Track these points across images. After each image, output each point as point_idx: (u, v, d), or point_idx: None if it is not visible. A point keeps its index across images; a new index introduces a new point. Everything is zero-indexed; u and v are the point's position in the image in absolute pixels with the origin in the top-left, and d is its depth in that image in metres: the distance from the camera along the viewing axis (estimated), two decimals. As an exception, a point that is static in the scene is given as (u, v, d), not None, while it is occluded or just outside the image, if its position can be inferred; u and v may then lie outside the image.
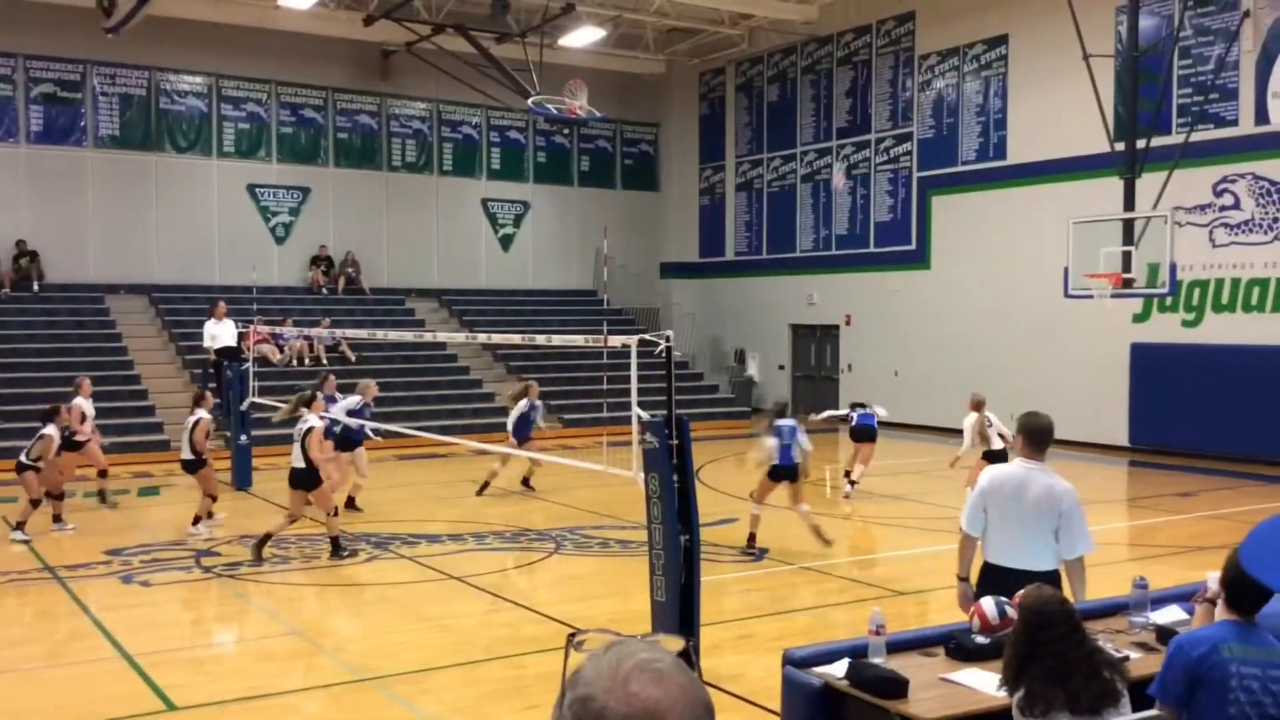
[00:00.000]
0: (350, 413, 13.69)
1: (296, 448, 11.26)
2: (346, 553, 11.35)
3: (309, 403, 11.60)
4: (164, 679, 7.56)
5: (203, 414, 12.82)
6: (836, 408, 24.60)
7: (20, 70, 22.86)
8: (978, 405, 13.16)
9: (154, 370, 21.49)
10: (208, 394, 13.74)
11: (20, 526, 12.11)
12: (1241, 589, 4.21)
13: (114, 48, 22.52)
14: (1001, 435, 13.11)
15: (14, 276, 22.38)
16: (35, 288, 22.46)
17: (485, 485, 15.12)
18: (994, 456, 12.34)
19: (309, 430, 11.23)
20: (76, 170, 23.32)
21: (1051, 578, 5.50)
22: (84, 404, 14.24)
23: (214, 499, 12.85)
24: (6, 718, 6.93)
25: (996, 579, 5.64)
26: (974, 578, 5.95)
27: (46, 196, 22.97)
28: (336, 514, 11.61)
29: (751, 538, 11.68)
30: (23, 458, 12.37)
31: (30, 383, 19.78)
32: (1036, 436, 5.84)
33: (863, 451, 14.99)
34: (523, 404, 15.19)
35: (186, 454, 12.75)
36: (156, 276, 23.91)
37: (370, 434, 14.39)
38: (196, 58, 24.22)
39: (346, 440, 13.82)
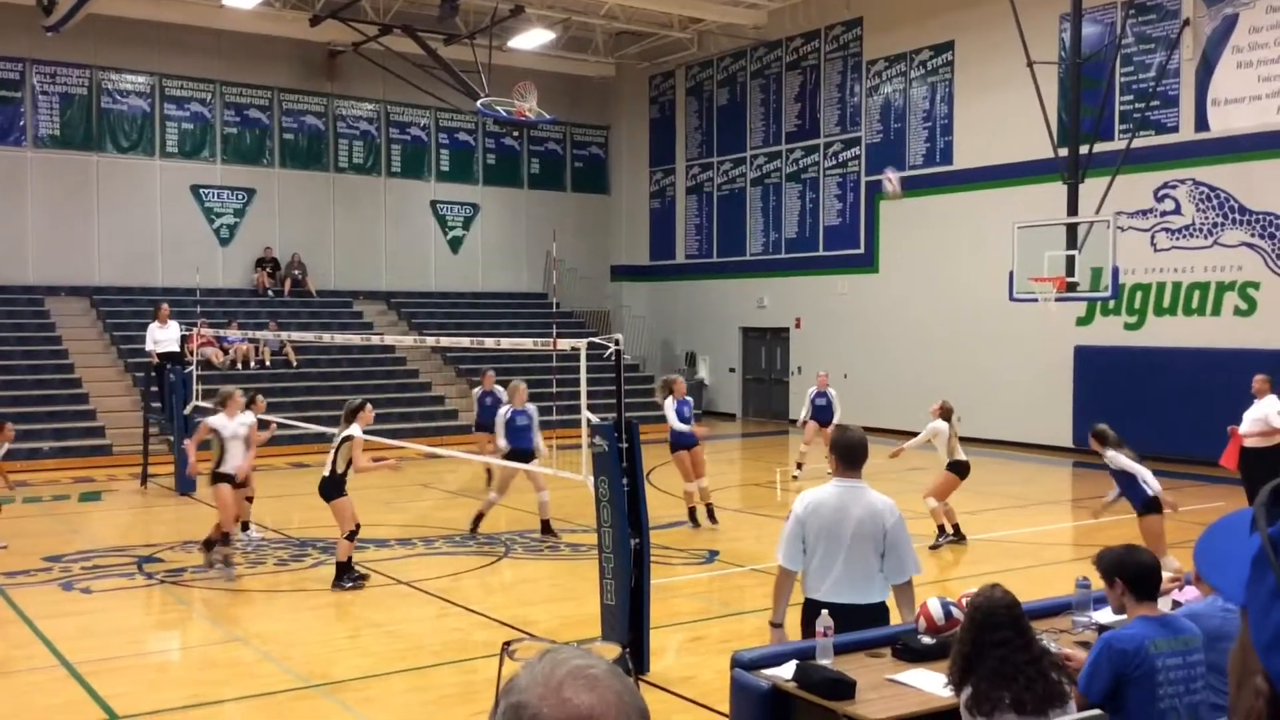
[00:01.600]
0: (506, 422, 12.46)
1: (330, 456, 10.31)
2: (349, 584, 10.14)
3: (354, 414, 10.39)
4: (105, 688, 7.42)
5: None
6: (788, 412, 24.78)
7: (-43, 68, 22.40)
8: (946, 413, 12.19)
9: (95, 374, 21.13)
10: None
11: None
12: (1143, 578, 4.37)
13: (54, 46, 22.13)
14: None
15: (-50, 278, 21.92)
16: (-28, 290, 22.00)
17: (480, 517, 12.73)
18: (959, 468, 11.86)
19: (347, 439, 10.19)
20: (15, 170, 22.88)
21: (880, 612, 5.31)
22: None
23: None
24: (-60, 730, 6.77)
25: (817, 616, 5.13)
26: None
27: (-16, 197, 22.52)
28: (353, 537, 10.28)
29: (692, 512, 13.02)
30: None
31: (-33, 387, 19.40)
32: (851, 453, 5.36)
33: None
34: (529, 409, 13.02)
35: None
36: (98, 278, 23.52)
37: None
38: (139, 57, 23.86)
39: (516, 452, 12.34)
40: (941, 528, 11.93)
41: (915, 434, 13.94)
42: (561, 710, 1.32)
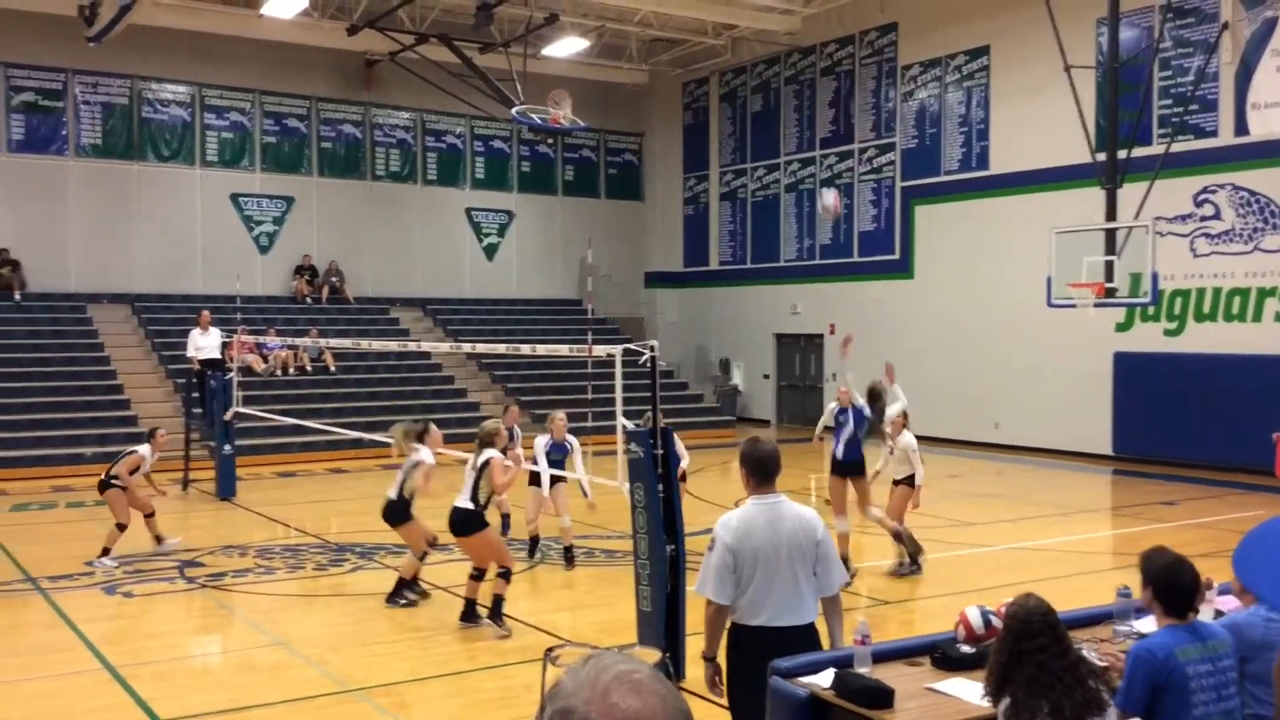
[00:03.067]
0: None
1: (399, 479, 10.03)
2: (404, 601, 9.89)
3: (421, 435, 10.27)
4: (146, 691, 7.52)
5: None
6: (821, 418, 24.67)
7: (1, 79, 22.77)
8: (905, 425, 11.39)
9: (136, 380, 21.39)
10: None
11: None
12: (1176, 594, 4.34)
13: (96, 56, 22.45)
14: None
15: (-5, 286, 22.28)
16: (17, 297, 22.33)
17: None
18: (909, 482, 11.12)
19: (418, 465, 9.98)
20: (58, 179, 23.22)
21: (813, 632, 5.06)
22: None
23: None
24: (-13, 731, 6.89)
25: (756, 646, 4.91)
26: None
27: (28, 205, 22.86)
28: (424, 558, 10.11)
29: None
30: None
31: (11, 393, 19.70)
32: (765, 466, 5.06)
33: None
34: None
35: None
36: (138, 286, 23.81)
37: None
38: (179, 67, 24.16)
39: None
40: (912, 556, 10.99)
41: (952, 442, 13.81)
42: (608, 715, 1.34)
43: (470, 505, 9.05)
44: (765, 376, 27.45)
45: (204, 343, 19.40)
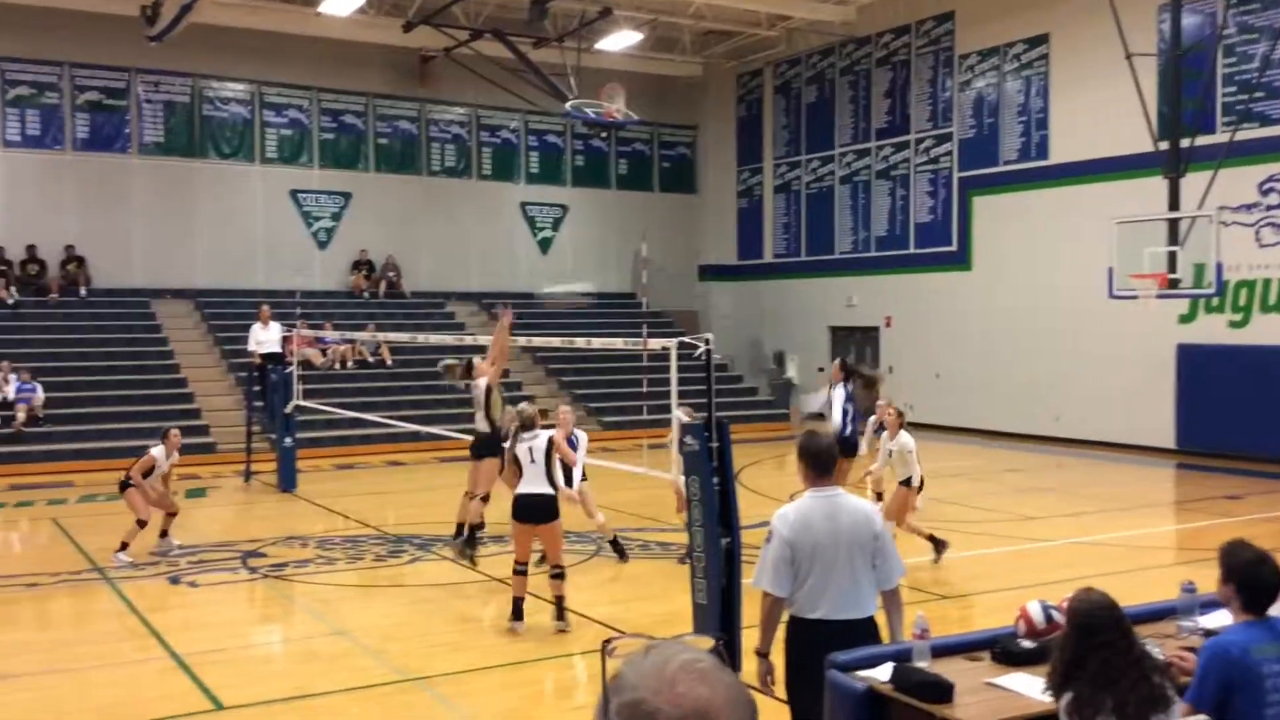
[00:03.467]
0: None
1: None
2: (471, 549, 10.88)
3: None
4: (211, 679, 7.66)
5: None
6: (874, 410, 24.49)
7: (66, 79, 23.23)
8: (902, 422, 11.37)
9: (199, 374, 21.76)
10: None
11: None
12: (1257, 591, 4.26)
13: (157, 55, 22.82)
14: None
15: (62, 282, 22.74)
16: (82, 292, 22.81)
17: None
18: (908, 483, 11.18)
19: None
20: (121, 177, 23.66)
21: (873, 626, 5.05)
22: None
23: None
24: (58, 717, 7.04)
25: (815, 639, 4.90)
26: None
27: (93, 203, 23.33)
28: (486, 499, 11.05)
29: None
30: None
31: (79, 386, 20.12)
32: (823, 460, 5.11)
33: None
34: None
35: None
36: (200, 281, 24.21)
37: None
38: (239, 65, 24.51)
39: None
40: (935, 540, 11.07)
41: (1012, 435, 13.64)
42: (678, 704, 1.34)
43: (552, 490, 8.77)
44: (820, 369, 27.28)
45: (265, 337, 19.68)
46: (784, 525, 5.00)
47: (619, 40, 24.68)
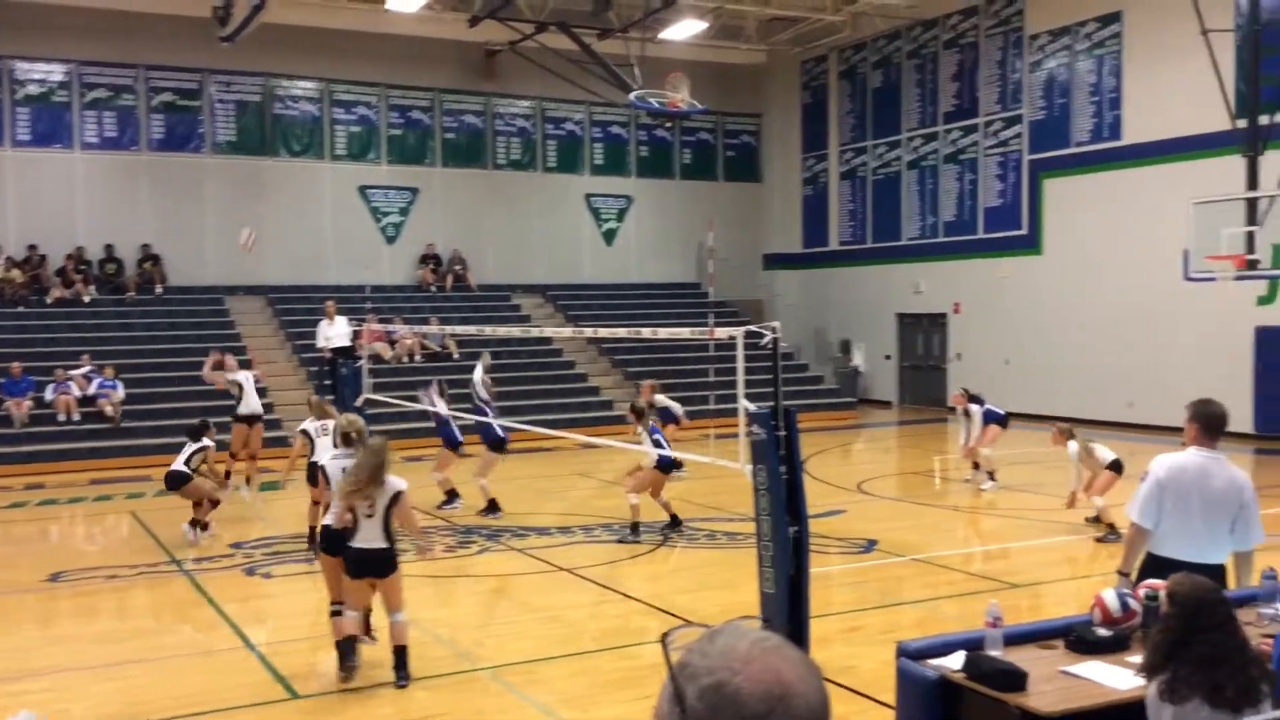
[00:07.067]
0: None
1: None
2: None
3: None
4: (286, 668, 7.78)
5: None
6: (945, 399, 24.22)
7: (141, 81, 23.72)
8: (1070, 434, 12.02)
9: (272, 369, 22.09)
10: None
11: None
12: None
13: (229, 56, 23.18)
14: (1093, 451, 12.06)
15: (138, 280, 23.25)
16: (158, 290, 23.30)
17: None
18: (1114, 467, 11.85)
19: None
20: (195, 176, 24.12)
21: (1219, 572, 5.41)
22: None
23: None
24: (138, 705, 7.20)
25: (1163, 573, 5.17)
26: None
27: (167, 202, 23.81)
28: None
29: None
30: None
31: (155, 382, 20.56)
32: (1211, 424, 5.64)
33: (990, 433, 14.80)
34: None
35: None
36: (272, 277, 24.60)
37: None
38: (308, 63, 24.84)
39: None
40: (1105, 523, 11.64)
41: (1084, 421, 13.48)
42: (760, 681, 1.35)
43: (388, 545, 7.64)
44: (887, 357, 27.05)
45: (331, 332, 19.93)
46: (1160, 468, 5.64)
47: (683, 29, 24.61)
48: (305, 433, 11.55)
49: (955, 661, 4.74)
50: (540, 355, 24.41)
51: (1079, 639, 4.94)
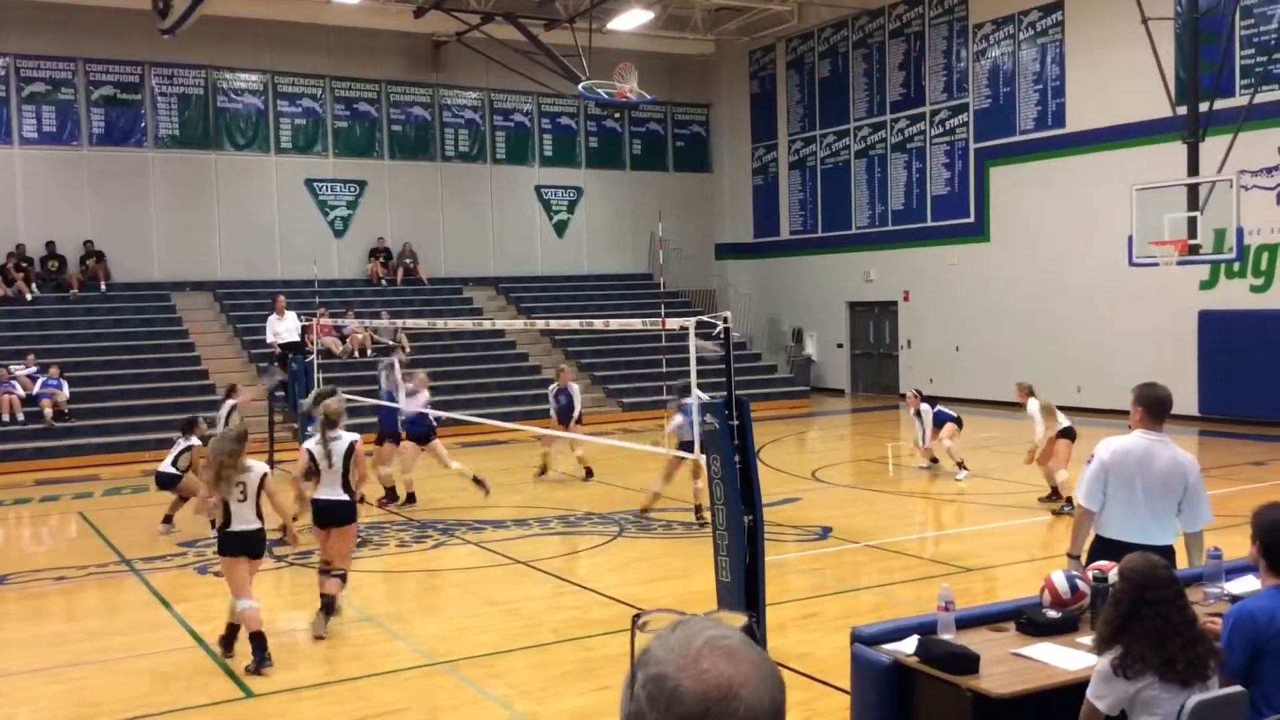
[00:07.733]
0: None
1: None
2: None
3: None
4: (240, 667, 7.71)
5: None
6: (898, 386, 24.43)
7: (80, 74, 23.31)
8: (1030, 391, 12.94)
9: (221, 364, 21.85)
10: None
11: None
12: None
13: (171, 48, 22.87)
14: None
15: (82, 277, 22.86)
16: (103, 287, 22.93)
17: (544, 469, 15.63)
18: (1066, 434, 12.29)
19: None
20: (138, 171, 23.75)
21: (1168, 553, 5.46)
22: None
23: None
24: (89, 708, 7.11)
25: (1112, 555, 5.37)
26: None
27: (110, 197, 23.43)
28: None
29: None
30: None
31: (102, 380, 20.25)
32: (1156, 407, 5.73)
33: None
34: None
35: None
36: (219, 273, 24.30)
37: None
38: (252, 55, 24.54)
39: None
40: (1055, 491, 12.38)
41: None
42: (701, 681, 1.34)
43: (348, 497, 8.77)
44: (839, 345, 27.24)
45: (281, 328, 19.74)
46: (1105, 451, 5.72)
47: (630, 19, 24.58)
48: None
49: (908, 646, 4.80)
50: (493, 348, 24.32)
51: (1029, 621, 5.02)
